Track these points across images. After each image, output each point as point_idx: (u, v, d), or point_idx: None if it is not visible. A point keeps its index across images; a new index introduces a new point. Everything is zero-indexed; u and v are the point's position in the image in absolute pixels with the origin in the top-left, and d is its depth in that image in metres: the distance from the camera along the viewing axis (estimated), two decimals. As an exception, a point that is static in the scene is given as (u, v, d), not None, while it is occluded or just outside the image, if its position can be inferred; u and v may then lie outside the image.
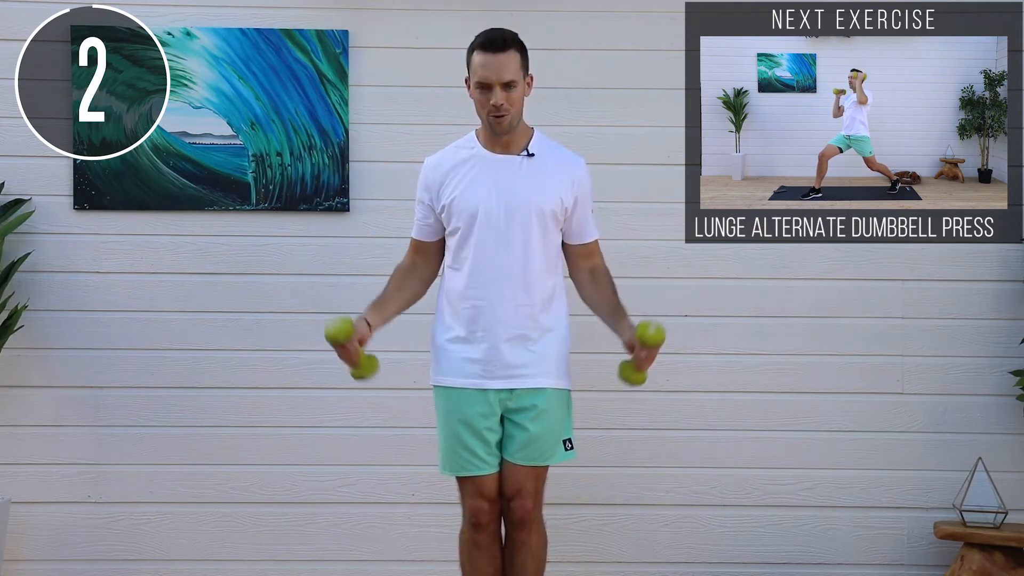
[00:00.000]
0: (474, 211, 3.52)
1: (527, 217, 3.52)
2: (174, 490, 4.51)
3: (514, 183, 3.53)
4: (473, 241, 3.53)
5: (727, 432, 4.54)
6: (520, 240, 3.52)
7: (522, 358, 3.54)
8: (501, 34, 3.53)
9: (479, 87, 3.51)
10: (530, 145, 3.58)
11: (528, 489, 3.58)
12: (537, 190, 3.53)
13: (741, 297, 4.54)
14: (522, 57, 3.54)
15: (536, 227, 3.53)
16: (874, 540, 4.55)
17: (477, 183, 3.54)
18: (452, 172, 3.58)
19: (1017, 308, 4.53)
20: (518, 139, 3.58)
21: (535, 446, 3.57)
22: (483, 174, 3.55)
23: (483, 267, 3.52)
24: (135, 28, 4.45)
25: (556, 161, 3.59)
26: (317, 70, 4.48)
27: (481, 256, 3.52)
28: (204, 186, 4.49)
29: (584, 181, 3.62)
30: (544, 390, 3.56)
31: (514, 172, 3.55)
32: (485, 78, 3.48)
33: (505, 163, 3.56)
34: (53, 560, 4.49)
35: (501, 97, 3.47)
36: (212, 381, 4.50)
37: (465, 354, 3.55)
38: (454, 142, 3.70)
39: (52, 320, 4.48)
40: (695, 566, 4.55)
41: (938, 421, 4.54)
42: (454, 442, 3.57)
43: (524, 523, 3.60)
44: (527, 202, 3.52)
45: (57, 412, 4.48)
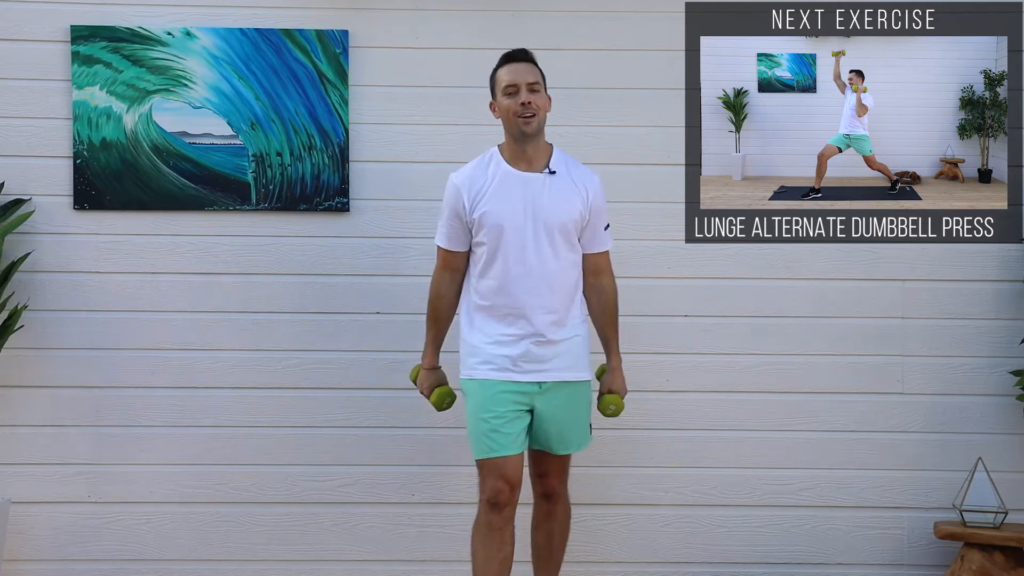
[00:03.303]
0: (505, 225, 3.78)
1: (552, 231, 3.80)
2: (174, 490, 4.51)
3: (541, 200, 3.80)
4: (502, 254, 3.79)
5: (727, 432, 4.54)
6: (547, 253, 3.80)
7: (549, 355, 3.81)
8: (523, 49, 3.87)
9: (507, 93, 3.78)
10: (551, 163, 3.85)
11: (555, 470, 3.93)
12: (560, 206, 3.81)
13: (741, 297, 4.54)
14: (541, 74, 3.85)
15: (560, 240, 3.81)
16: (874, 540, 4.55)
17: (506, 199, 3.80)
18: (482, 187, 3.82)
19: (1017, 308, 4.53)
20: (540, 155, 3.84)
21: (566, 435, 3.87)
22: (512, 190, 3.80)
23: (513, 277, 3.79)
24: (135, 28, 4.45)
25: (575, 178, 3.86)
26: (317, 70, 4.48)
27: (512, 267, 3.79)
28: (204, 186, 4.49)
29: (598, 196, 3.89)
30: (572, 383, 3.85)
31: (539, 189, 3.81)
32: (512, 81, 3.78)
33: (531, 180, 3.82)
34: (53, 560, 4.49)
35: (528, 96, 3.75)
36: (212, 381, 4.50)
37: (499, 351, 3.81)
38: (477, 158, 3.90)
39: (52, 320, 4.48)
40: (695, 566, 4.55)
41: (938, 421, 4.54)
42: (484, 426, 3.79)
43: (551, 496, 3.96)
44: (552, 217, 3.80)
45: (57, 412, 4.48)
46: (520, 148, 3.81)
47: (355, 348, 4.47)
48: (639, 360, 4.51)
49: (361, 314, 4.48)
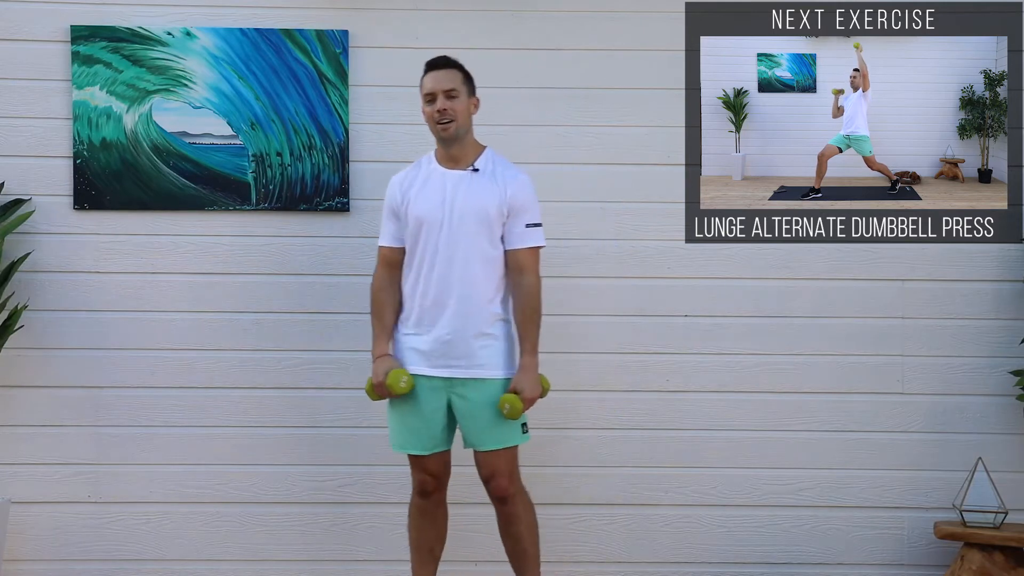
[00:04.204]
0: (424, 219, 3.88)
1: (467, 225, 3.85)
2: (174, 490, 4.51)
3: (458, 195, 3.88)
4: (422, 248, 3.88)
5: (727, 432, 4.54)
6: (465, 248, 3.85)
7: (463, 351, 3.85)
8: (444, 56, 3.97)
9: (426, 100, 3.92)
10: (477, 161, 3.93)
11: (499, 470, 3.90)
12: (476, 201, 3.87)
13: (741, 297, 4.54)
14: (465, 77, 3.94)
15: (478, 235, 3.86)
16: (874, 540, 4.55)
17: (428, 195, 3.90)
18: (411, 184, 3.94)
19: (1017, 308, 4.53)
20: (467, 155, 3.94)
21: (484, 433, 3.88)
22: (435, 186, 3.91)
23: (431, 271, 3.87)
24: (135, 28, 4.45)
25: (498, 175, 3.91)
26: (317, 70, 4.48)
27: (429, 261, 3.87)
28: (204, 186, 4.49)
29: (520, 193, 3.90)
30: (485, 380, 3.87)
31: (459, 185, 3.89)
32: (430, 90, 3.90)
33: (452, 177, 3.91)
34: (53, 560, 4.49)
35: (444, 103, 3.86)
36: (212, 381, 4.50)
37: (414, 345, 3.90)
38: (417, 160, 4.02)
39: (52, 320, 4.48)
40: (695, 566, 4.55)
41: (938, 421, 4.54)
42: (401, 423, 3.94)
43: (504, 499, 3.93)
44: (468, 212, 3.86)
45: (57, 412, 4.48)
46: (445, 149, 3.93)
47: (355, 348, 4.47)
48: (639, 360, 4.51)
49: (361, 314, 4.47)
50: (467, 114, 3.92)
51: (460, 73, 3.93)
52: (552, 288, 4.46)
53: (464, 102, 3.91)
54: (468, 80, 3.95)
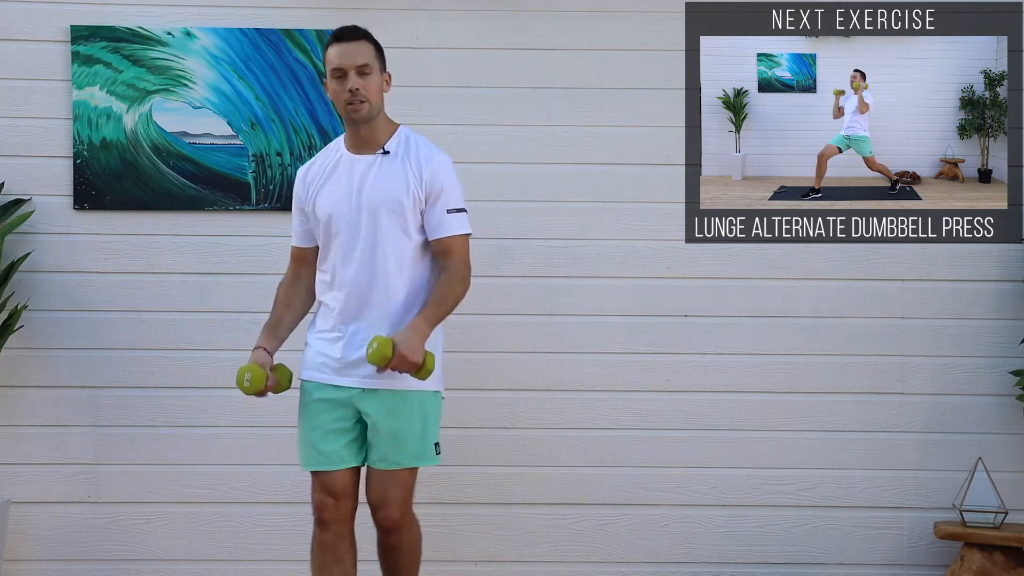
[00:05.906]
0: (333, 214, 3.52)
1: (378, 216, 3.48)
2: (174, 490, 4.51)
3: (366, 182, 3.51)
4: (334, 245, 3.53)
5: (727, 432, 4.54)
6: (379, 242, 3.49)
7: None
8: (353, 26, 3.56)
9: (334, 77, 3.49)
10: (388, 143, 3.55)
11: (392, 497, 3.53)
12: (385, 188, 3.50)
13: (741, 297, 4.54)
14: (377, 50, 3.56)
15: (391, 227, 3.49)
16: (874, 540, 4.55)
17: (336, 187, 3.54)
18: (318, 177, 3.59)
19: (1017, 308, 4.53)
20: (378, 136, 3.56)
21: (392, 448, 3.51)
22: (342, 176, 3.55)
23: (343, 270, 3.52)
24: (135, 28, 4.45)
25: (412, 158, 3.53)
26: (317, 70, 4.48)
27: (342, 258, 3.52)
28: (204, 186, 4.49)
29: (438, 177, 3.52)
30: (403, 392, 3.50)
31: (367, 171, 3.53)
32: (339, 65, 3.47)
33: (360, 163, 3.54)
34: (53, 560, 4.49)
35: (357, 82, 3.46)
36: (212, 381, 4.50)
37: (324, 351, 3.56)
38: (324, 148, 3.71)
39: (52, 320, 4.48)
40: (695, 566, 4.55)
41: (938, 421, 4.54)
42: (303, 437, 3.59)
43: (392, 530, 3.58)
44: (377, 201, 3.49)
45: (57, 412, 4.48)
46: (354, 131, 3.54)
47: (355, 348, 4.47)
48: (639, 360, 4.51)
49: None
50: (380, 93, 3.52)
51: (372, 46, 3.53)
52: (552, 288, 4.47)
53: (377, 79, 3.51)
54: (380, 54, 3.55)
